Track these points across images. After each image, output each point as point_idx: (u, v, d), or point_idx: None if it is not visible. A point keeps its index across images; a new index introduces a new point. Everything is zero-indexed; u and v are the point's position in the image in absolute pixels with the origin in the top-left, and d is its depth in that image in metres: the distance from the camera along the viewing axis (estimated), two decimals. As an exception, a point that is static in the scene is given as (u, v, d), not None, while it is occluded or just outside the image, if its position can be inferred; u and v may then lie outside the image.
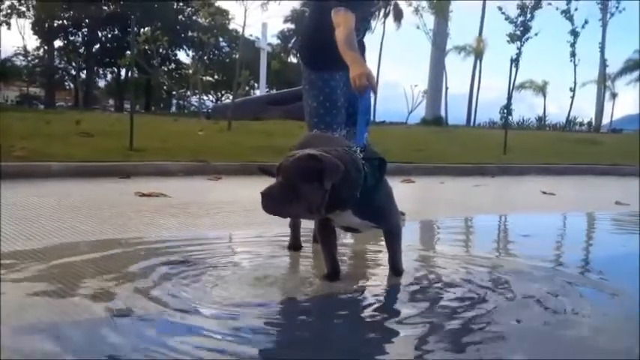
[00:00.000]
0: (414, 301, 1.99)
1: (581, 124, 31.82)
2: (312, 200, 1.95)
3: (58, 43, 41.47)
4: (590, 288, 2.28)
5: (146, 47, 16.59)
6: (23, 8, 38.63)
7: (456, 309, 1.92)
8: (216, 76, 42.33)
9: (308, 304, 1.99)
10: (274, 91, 29.53)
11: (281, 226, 2.96)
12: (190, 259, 2.46)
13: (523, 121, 32.75)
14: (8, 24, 38.18)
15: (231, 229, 3.36)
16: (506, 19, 25.11)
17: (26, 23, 39.98)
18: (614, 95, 35.75)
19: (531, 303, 2.00)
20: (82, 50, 41.75)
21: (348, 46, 2.76)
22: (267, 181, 2.05)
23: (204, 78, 27.20)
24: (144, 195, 4.45)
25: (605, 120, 33.95)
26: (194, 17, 39.40)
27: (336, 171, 1.94)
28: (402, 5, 33.17)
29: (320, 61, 3.09)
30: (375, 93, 2.80)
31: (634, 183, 7.16)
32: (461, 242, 3.34)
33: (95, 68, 43.50)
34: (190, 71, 23.67)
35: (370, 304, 1.98)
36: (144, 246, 2.76)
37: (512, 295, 2.08)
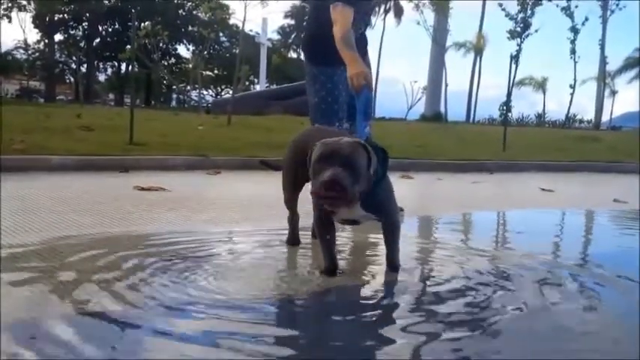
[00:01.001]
0: (410, 297, 2.01)
1: (581, 121, 31.86)
2: (364, 187, 1.98)
3: (58, 37, 41.53)
4: (582, 281, 2.29)
5: (146, 41, 16.57)
6: (24, 2, 38.61)
7: (453, 305, 1.93)
8: (216, 71, 42.32)
9: (305, 300, 1.99)
10: (274, 86, 29.55)
11: (278, 221, 2.98)
12: (186, 253, 2.47)
13: (522, 117, 32.77)
14: (9, 17, 38.19)
15: (230, 224, 3.37)
16: (506, 15, 25.10)
17: (27, 17, 39.99)
18: (613, 93, 35.78)
19: (526, 299, 2.01)
20: (82, 44, 41.74)
21: (345, 44, 2.77)
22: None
23: (204, 73, 27.17)
24: (143, 189, 4.46)
25: (605, 117, 34.00)
26: (194, 12, 39.32)
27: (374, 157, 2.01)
28: (403, 2, 33.16)
29: (322, 57, 3.10)
30: (371, 91, 2.81)
31: (633, 180, 7.17)
32: (457, 238, 3.34)
33: (95, 62, 43.47)
34: (190, 66, 23.62)
35: (368, 300, 1.99)
36: (141, 240, 2.76)
37: (507, 291, 2.10)
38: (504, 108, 15.75)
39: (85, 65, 42.76)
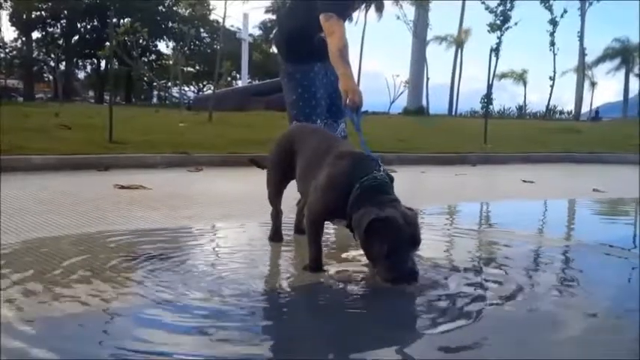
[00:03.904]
0: (392, 290, 2.01)
1: (561, 112, 32.21)
2: None
3: (36, 35, 40.91)
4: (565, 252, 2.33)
5: (126, 38, 16.35)
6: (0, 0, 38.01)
7: (434, 295, 1.94)
8: (197, 67, 42.06)
9: (290, 297, 2.00)
10: (256, 82, 29.47)
11: (261, 218, 2.97)
12: (167, 252, 2.45)
13: (504, 110, 33.03)
14: (-15, 16, 37.54)
15: (211, 221, 3.35)
16: (486, 8, 25.27)
17: (3, 14, 39.26)
18: (593, 84, 36.22)
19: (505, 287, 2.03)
20: (60, 42, 41.21)
21: (342, 58, 2.75)
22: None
23: (185, 69, 26.95)
24: (123, 187, 4.42)
25: (585, 108, 34.43)
26: (174, 8, 39.05)
27: None
28: (383, -4, 33.18)
29: (297, 54, 3.08)
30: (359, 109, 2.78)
31: (611, 171, 7.27)
32: (442, 225, 3.35)
33: (74, 60, 42.96)
34: (171, 62, 23.42)
35: (353, 295, 2.00)
36: (120, 239, 2.73)
37: (493, 266, 2.12)
38: (485, 100, 15.82)
39: (64, 63, 42.23)
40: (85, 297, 1.83)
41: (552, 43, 27.73)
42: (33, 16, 39.37)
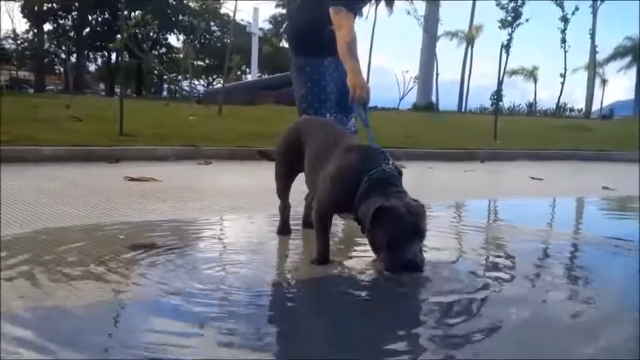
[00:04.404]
0: (399, 284, 2.02)
1: (572, 109, 32.04)
2: None
3: (47, 27, 41.05)
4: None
5: (137, 31, 16.36)
6: (12, -9, 38.12)
7: (440, 293, 1.95)
8: (207, 61, 42.07)
9: (297, 289, 2.01)
10: (266, 76, 29.47)
11: (269, 211, 2.99)
12: (175, 244, 2.47)
13: (514, 107, 32.89)
14: (-3, 7, 37.67)
15: (220, 214, 3.37)
16: (497, 4, 25.14)
17: (15, 6, 39.41)
18: (604, 82, 35.97)
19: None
20: (72, 34, 41.31)
21: (351, 52, 2.75)
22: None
23: (195, 62, 26.96)
24: (133, 179, 4.45)
25: (596, 106, 34.23)
26: (185, 1, 39.05)
27: None
28: (394, -9, 33.07)
29: (308, 48, 3.09)
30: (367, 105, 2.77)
31: (621, 168, 7.23)
32: (449, 221, 3.35)
33: (85, 52, 43.06)
34: (181, 55, 23.40)
35: (359, 288, 2.01)
36: (129, 230, 2.75)
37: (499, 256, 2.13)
38: (495, 97, 15.76)
39: (75, 55, 42.34)
40: (83, 293, 1.83)
41: (563, 41, 27.58)
42: (44, 8, 39.47)
